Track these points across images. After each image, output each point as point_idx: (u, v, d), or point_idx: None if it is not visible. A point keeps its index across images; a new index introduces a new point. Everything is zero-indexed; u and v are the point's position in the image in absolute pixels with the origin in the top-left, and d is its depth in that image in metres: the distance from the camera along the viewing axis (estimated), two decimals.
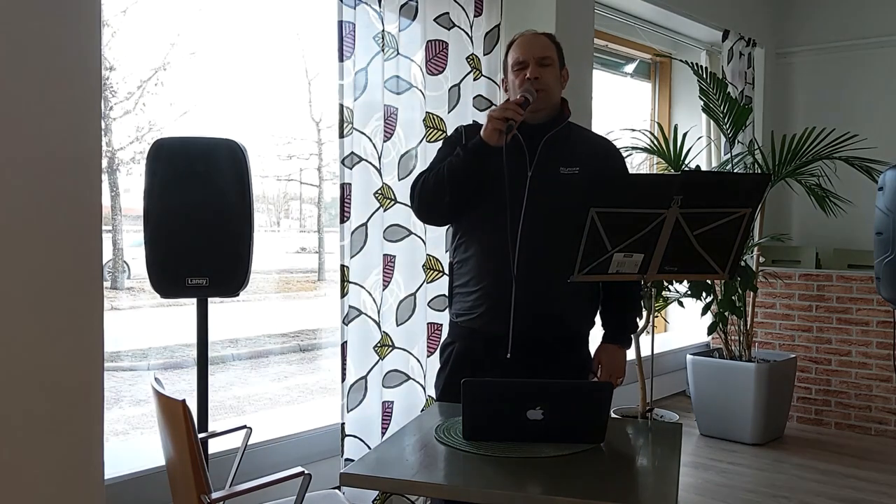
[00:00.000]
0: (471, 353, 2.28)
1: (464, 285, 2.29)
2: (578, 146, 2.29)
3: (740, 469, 4.04)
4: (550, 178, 2.21)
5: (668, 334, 5.80)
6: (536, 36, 2.32)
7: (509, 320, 2.19)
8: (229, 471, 2.34)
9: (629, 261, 2.06)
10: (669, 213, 1.97)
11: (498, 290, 2.20)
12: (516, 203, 2.18)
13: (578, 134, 2.36)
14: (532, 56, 2.24)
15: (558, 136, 2.26)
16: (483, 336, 2.25)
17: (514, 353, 2.20)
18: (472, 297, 2.26)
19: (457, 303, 2.33)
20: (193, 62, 4.11)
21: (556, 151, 2.24)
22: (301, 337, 7.40)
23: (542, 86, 2.21)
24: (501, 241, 2.18)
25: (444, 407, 2.19)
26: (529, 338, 2.20)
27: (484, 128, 2.12)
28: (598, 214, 1.96)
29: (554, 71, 2.28)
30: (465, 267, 2.29)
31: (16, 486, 1.91)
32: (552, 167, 2.22)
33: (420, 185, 2.24)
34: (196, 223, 2.39)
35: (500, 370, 2.20)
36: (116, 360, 5.94)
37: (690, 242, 2.05)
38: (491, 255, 2.22)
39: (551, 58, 2.27)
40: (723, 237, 2.06)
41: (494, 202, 2.19)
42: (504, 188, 2.17)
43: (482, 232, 2.25)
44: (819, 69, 5.69)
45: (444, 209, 2.25)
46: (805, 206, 5.08)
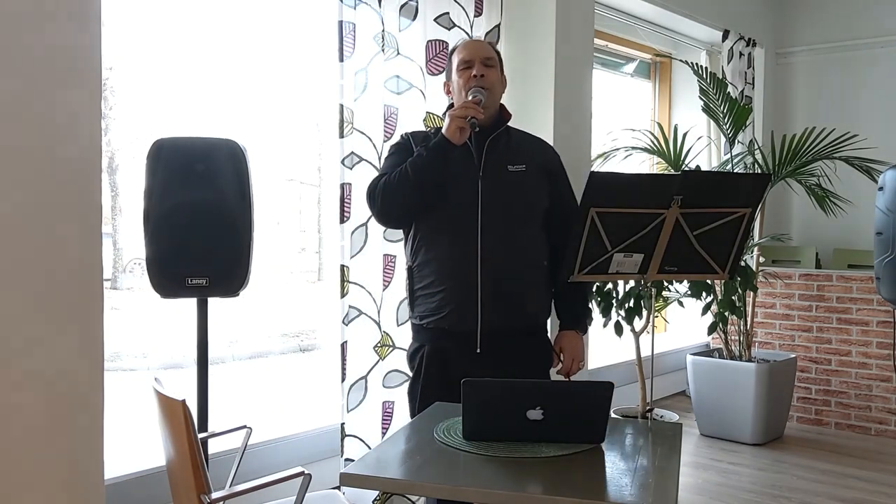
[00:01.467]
0: (441, 352, 2.36)
1: (427, 287, 2.36)
2: (520, 145, 2.43)
3: (740, 469, 4.04)
4: (500, 176, 2.33)
5: (668, 334, 5.80)
6: (479, 41, 2.51)
7: (477, 316, 2.28)
8: (229, 471, 2.34)
9: (629, 261, 2.06)
10: (669, 213, 1.97)
11: (463, 287, 2.29)
12: (472, 201, 2.29)
13: (517, 134, 2.49)
14: (477, 56, 2.36)
15: (500, 137, 2.38)
16: (451, 334, 2.33)
17: (484, 347, 2.30)
18: (437, 297, 2.33)
19: (420, 305, 2.39)
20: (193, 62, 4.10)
21: (501, 152, 2.36)
22: (301, 337, 7.40)
23: (487, 84, 2.33)
24: (462, 241, 2.29)
25: (444, 407, 2.19)
26: (497, 331, 2.30)
27: (446, 127, 2.25)
28: (597, 214, 1.96)
29: (497, 73, 2.41)
30: (426, 269, 2.36)
31: (16, 486, 1.91)
32: (500, 166, 2.34)
33: (381, 188, 2.30)
34: (196, 223, 2.39)
35: (470, 365, 2.27)
36: (116, 360, 5.93)
37: (690, 242, 2.05)
38: (453, 254, 2.31)
39: (494, 59, 2.40)
40: (723, 237, 2.06)
41: (450, 202, 2.31)
42: (458, 190, 2.29)
43: (441, 234, 2.33)
44: (819, 69, 5.70)
45: (408, 209, 2.34)
46: (805, 206, 5.09)
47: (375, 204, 2.34)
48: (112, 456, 2.31)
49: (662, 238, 2.02)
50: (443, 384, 2.31)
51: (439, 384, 2.33)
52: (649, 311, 4.02)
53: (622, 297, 4.00)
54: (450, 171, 2.28)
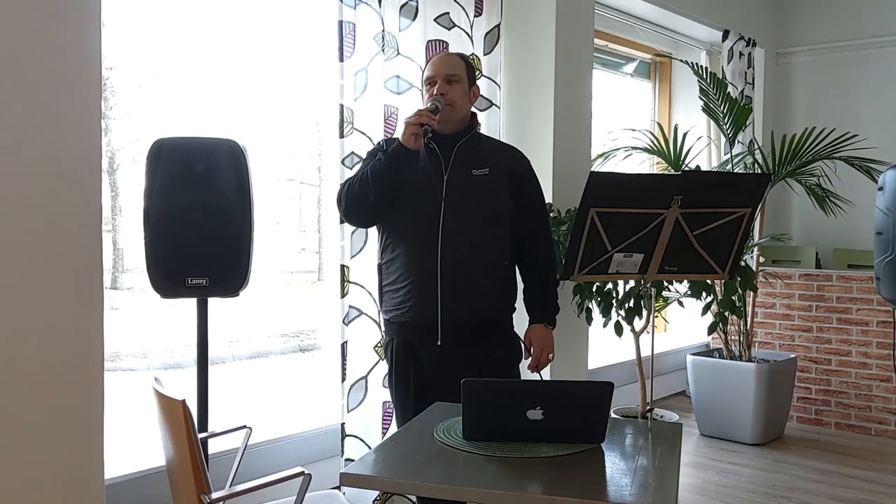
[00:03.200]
0: (407, 345, 2.49)
1: (392, 283, 2.50)
2: (487, 151, 2.55)
3: (740, 469, 4.04)
4: (464, 178, 2.46)
5: (668, 334, 5.80)
6: (448, 55, 2.60)
7: (437, 311, 2.40)
8: (229, 471, 2.34)
9: (629, 261, 2.06)
10: (669, 213, 1.97)
11: (425, 282, 2.41)
12: (436, 202, 2.42)
13: (487, 142, 2.64)
14: (440, 74, 2.48)
15: (469, 143, 2.51)
16: (414, 328, 2.45)
17: (444, 339, 2.42)
18: (401, 292, 2.47)
19: (387, 301, 2.53)
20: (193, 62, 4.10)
21: (468, 156, 2.48)
22: (301, 337, 7.40)
23: (448, 101, 2.45)
24: (425, 238, 2.41)
25: (444, 407, 2.19)
26: (456, 324, 2.42)
27: (402, 133, 2.36)
28: (597, 214, 1.96)
29: (461, 87, 2.50)
30: (392, 266, 2.50)
31: (16, 486, 1.91)
32: (465, 169, 2.46)
33: (346, 189, 2.46)
34: (196, 223, 2.39)
35: (433, 357, 2.44)
36: (116, 360, 5.93)
37: (690, 242, 2.05)
38: (416, 251, 2.43)
39: (458, 75, 2.50)
40: (723, 237, 2.06)
41: (416, 203, 2.43)
42: (424, 192, 2.43)
43: (407, 231, 2.47)
44: (819, 69, 5.70)
45: (368, 210, 2.45)
46: (805, 206, 5.09)
47: (340, 206, 2.52)
48: (112, 456, 2.31)
49: (662, 238, 2.02)
50: (410, 375, 2.47)
51: (407, 375, 2.48)
52: (649, 311, 4.02)
53: (622, 297, 4.00)
54: (417, 174, 2.43)
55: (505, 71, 3.71)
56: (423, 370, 2.46)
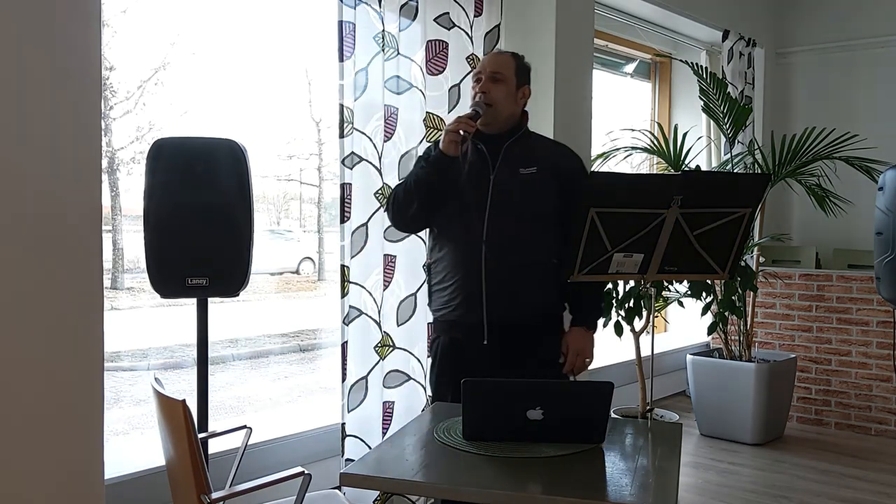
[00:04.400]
0: (454, 343, 2.49)
1: (440, 282, 2.50)
2: (536, 150, 2.53)
3: (740, 469, 4.04)
4: (510, 178, 2.45)
5: (668, 334, 5.80)
6: (499, 53, 2.59)
7: (482, 309, 2.40)
8: (229, 471, 2.34)
9: (629, 261, 2.07)
10: (669, 213, 1.97)
11: (470, 281, 2.41)
12: (482, 202, 2.42)
13: (538, 140, 2.62)
14: (485, 71, 2.49)
15: (517, 143, 2.50)
16: (461, 327, 2.46)
17: (491, 338, 2.41)
18: (447, 291, 2.47)
19: (435, 300, 2.54)
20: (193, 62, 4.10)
21: (516, 156, 2.47)
22: (301, 337, 7.40)
23: (489, 100, 2.44)
24: (471, 238, 2.41)
25: (444, 407, 2.20)
26: (502, 324, 2.41)
27: (441, 140, 2.36)
28: (598, 214, 1.96)
29: (504, 87, 2.48)
30: (440, 265, 2.50)
31: (16, 486, 1.91)
32: (512, 169, 2.45)
33: (392, 198, 2.51)
34: (196, 223, 2.39)
35: (479, 356, 2.42)
36: (116, 360, 5.93)
37: (690, 242, 2.05)
38: (462, 251, 2.43)
39: (503, 74, 2.49)
40: (723, 237, 2.06)
41: (462, 203, 2.44)
42: (471, 192, 2.43)
43: (453, 231, 2.47)
44: (819, 69, 5.69)
45: (415, 217, 2.49)
46: (805, 206, 5.09)
47: (388, 212, 2.56)
48: (112, 456, 2.31)
49: (662, 238, 2.02)
50: (455, 374, 2.42)
51: (452, 374, 2.46)
52: (649, 311, 4.02)
53: (622, 297, 4.00)
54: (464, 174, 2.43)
55: None
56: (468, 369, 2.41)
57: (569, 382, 2.17)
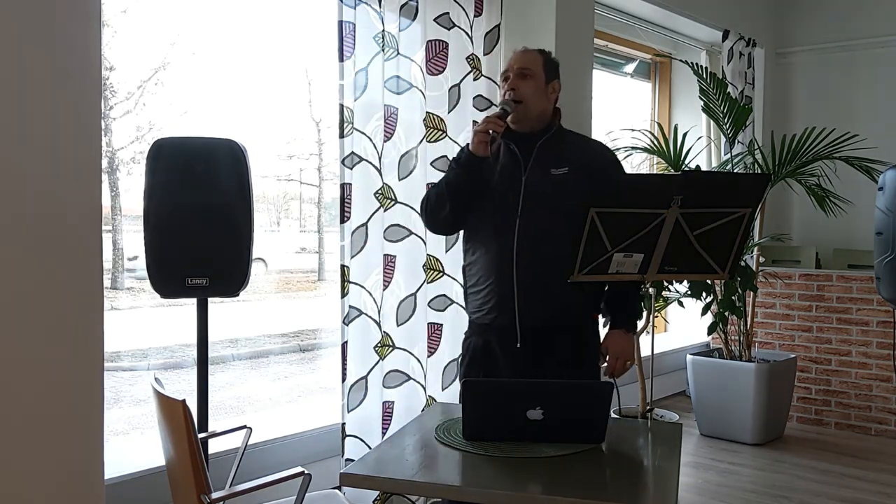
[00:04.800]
0: (486, 345, 2.46)
1: (474, 285, 2.48)
2: (569, 149, 2.46)
3: (740, 469, 4.04)
4: (542, 178, 2.39)
5: (668, 334, 5.80)
6: (526, 50, 2.52)
7: (515, 312, 2.36)
8: (229, 471, 2.34)
9: (629, 261, 2.07)
10: (669, 213, 1.97)
11: (503, 285, 2.38)
12: (514, 203, 2.36)
13: (571, 139, 2.53)
14: (513, 68, 2.44)
15: (550, 142, 2.44)
16: (494, 330, 2.43)
17: (524, 342, 2.36)
18: (481, 294, 2.45)
19: (470, 303, 2.53)
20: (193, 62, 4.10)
21: (548, 155, 2.42)
22: (301, 337, 7.40)
23: (518, 97, 2.39)
24: (503, 240, 2.37)
25: (444, 407, 2.20)
26: (536, 327, 2.37)
27: (471, 141, 2.33)
28: (598, 214, 1.96)
29: (534, 83, 2.43)
30: (474, 268, 2.48)
31: (16, 486, 1.91)
32: (544, 169, 2.40)
33: (426, 201, 2.50)
34: (196, 223, 2.39)
35: (512, 360, 2.38)
36: (116, 360, 5.94)
37: (690, 242, 2.05)
38: (494, 254, 2.40)
39: (532, 70, 2.44)
40: (723, 237, 2.06)
41: (494, 205, 2.39)
42: (502, 193, 2.37)
43: (485, 234, 2.43)
44: (819, 69, 5.69)
45: (447, 220, 2.47)
46: (805, 206, 5.08)
47: (423, 217, 2.55)
48: (112, 456, 2.31)
49: (662, 238, 2.02)
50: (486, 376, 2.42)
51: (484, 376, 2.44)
52: (649, 311, 4.02)
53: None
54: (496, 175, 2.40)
55: None
56: (498, 372, 2.41)
57: (569, 382, 2.16)
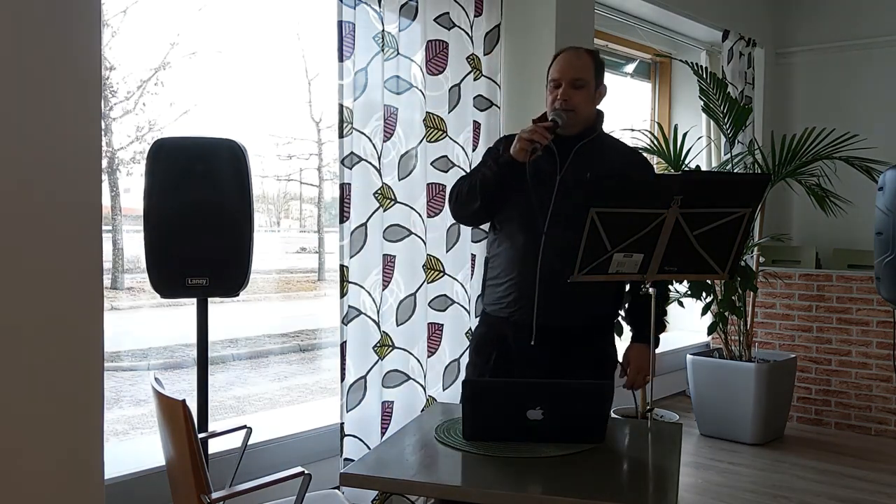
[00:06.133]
0: (498, 338, 2.45)
1: (495, 278, 2.48)
2: (607, 154, 2.45)
3: (740, 469, 4.04)
4: (577, 181, 2.35)
5: (668, 334, 5.79)
6: (578, 55, 2.43)
7: (533, 310, 2.35)
8: (229, 471, 2.34)
9: (629, 261, 2.06)
10: (669, 213, 1.97)
11: (524, 281, 2.37)
12: (545, 202, 2.36)
13: (610, 143, 2.51)
14: (567, 77, 2.37)
15: (589, 145, 2.42)
16: (510, 324, 2.42)
17: (539, 340, 2.35)
18: (501, 288, 2.44)
19: (488, 294, 2.52)
20: (193, 62, 4.10)
21: (586, 158, 2.40)
22: (301, 337, 7.40)
23: (571, 107, 2.36)
24: (530, 238, 2.37)
25: (444, 407, 2.19)
26: (553, 326, 2.36)
27: (514, 145, 2.29)
28: (598, 214, 1.96)
29: (586, 92, 2.40)
30: (497, 261, 2.48)
31: (16, 486, 1.91)
32: (579, 173, 2.36)
33: (456, 192, 2.47)
34: (196, 223, 2.39)
35: (525, 356, 2.38)
36: (116, 360, 5.94)
37: (690, 242, 2.05)
38: (520, 249, 2.39)
39: (584, 80, 2.39)
40: (723, 237, 2.06)
41: (525, 202, 2.38)
42: (536, 191, 2.37)
43: (513, 229, 2.43)
44: (819, 69, 5.69)
45: (476, 214, 2.48)
46: (805, 206, 5.08)
47: (451, 205, 2.52)
48: (112, 456, 2.31)
49: (662, 238, 2.02)
50: (495, 369, 2.42)
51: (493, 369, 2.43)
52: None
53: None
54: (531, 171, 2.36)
55: (505, 71, 3.70)
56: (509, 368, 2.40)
57: (569, 382, 2.16)
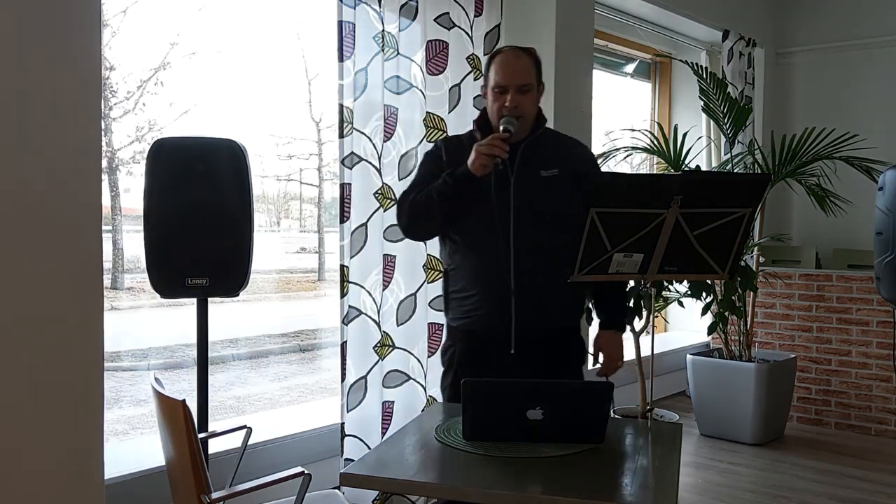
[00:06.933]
0: (472, 353, 2.38)
1: (460, 290, 2.39)
2: (554, 149, 2.42)
3: (740, 469, 4.04)
4: (532, 181, 2.33)
5: (668, 334, 5.80)
6: (518, 57, 2.35)
7: (510, 319, 2.29)
8: (229, 471, 2.34)
9: (629, 261, 2.06)
10: (669, 213, 1.97)
11: (496, 291, 2.31)
12: (505, 208, 2.30)
13: (552, 138, 2.48)
14: (512, 84, 2.30)
15: (535, 142, 2.38)
16: (483, 337, 2.35)
17: (517, 349, 2.30)
18: (470, 300, 2.36)
19: (454, 308, 2.43)
20: (193, 62, 4.10)
21: (535, 156, 2.36)
22: (301, 337, 7.40)
23: (520, 113, 2.30)
24: (494, 245, 2.30)
25: (444, 407, 2.19)
26: (529, 333, 2.31)
27: (472, 161, 2.22)
28: (598, 214, 1.96)
29: (532, 96, 2.35)
30: (460, 272, 2.39)
31: (16, 486, 1.91)
32: (533, 171, 2.34)
33: (409, 206, 2.36)
34: (196, 223, 2.39)
35: (503, 367, 2.30)
36: (116, 360, 5.93)
37: (690, 242, 2.05)
38: (486, 259, 2.32)
39: (530, 84, 2.34)
40: (723, 237, 2.06)
41: (484, 209, 2.31)
42: (492, 196, 2.29)
43: (475, 238, 2.35)
44: (819, 69, 5.69)
45: (433, 230, 2.43)
46: (805, 206, 5.08)
47: (401, 221, 2.43)
48: (112, 456, 2.31)
49: (662, 238, 2.02)
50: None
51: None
52: (649, 311, 4.02)
53: None
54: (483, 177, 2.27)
55: None
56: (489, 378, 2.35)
57: (569, 382, 2.16)
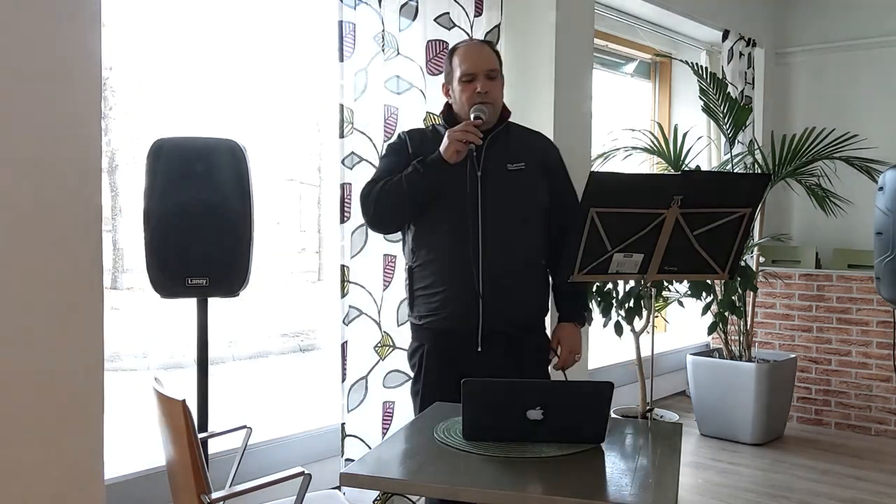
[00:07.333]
0: (440, 353, 2.37)
1: (427, 287, 2.37)
2: (519, 143, 2.42)
3: (740, 469, 4.04)
4: (499, 175, 2.33)
5: (668, 334, 5.80)
6: (482, 47, 2.41)
7: (478, 316, 2.30)
8: (229, 471, 2.34)
9: (629, 261, 2.06)
10: (669, 213, 1.97)
11: (464, 287, 2.30)
12: (472, 202, 2.29)
13: (516, 132, 2.47)
14: (481, 70, 2.32)
15: (499, 135, 2.38)
16: (452, 334, 2.34)
17: (485, 345, 2.31)
18: (437, 297, 2.35)
19: (420, 306, 2.41)
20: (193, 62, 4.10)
21: (500, 150, 2.35)
22: (301, 337, 7.40)
23: (490, 99, 2.32)
24: (461, 242, 2.29)
25: (445, 407, 2.19)
26: (497, 330, 2.32)
27: (445, 148, 2.22)
28: (597, 214, 1.96)
29: (500, 82, 2.38)
30: (426, 270, 2.37)
31: (16, 486, 1.91)
32: (499, 165, 2.34)
33: (375, 196, 2.33)
34: (196, 223, 2.39)
35: (470, 364, 2.30)
36: (116, 360, 5.93)
37: (690, 242, 2.05)
38: (453, 255, 2.31)
39: (497, 70, 2.37)
40: (723, 237, 2.06)
41: (449, 203, 2.30)
42: (457, 190, 2.28)
43: (441, 235, 2.34)
44: (819, 69, 5.69)
45: (402, 220, 2.40)
46: (805, 206, 5.08)
47: (368, 211, 2.38)
48: (112, 456, 2.31)
49: (662, 238, 2.02)
50: (442, 383, 2.32)
51: (439, 383, 2.35)
52: (649, 311, 4.02)
53: (622, 297, 4.00)
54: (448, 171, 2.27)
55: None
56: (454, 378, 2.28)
57: (569, 382, 2.16)
